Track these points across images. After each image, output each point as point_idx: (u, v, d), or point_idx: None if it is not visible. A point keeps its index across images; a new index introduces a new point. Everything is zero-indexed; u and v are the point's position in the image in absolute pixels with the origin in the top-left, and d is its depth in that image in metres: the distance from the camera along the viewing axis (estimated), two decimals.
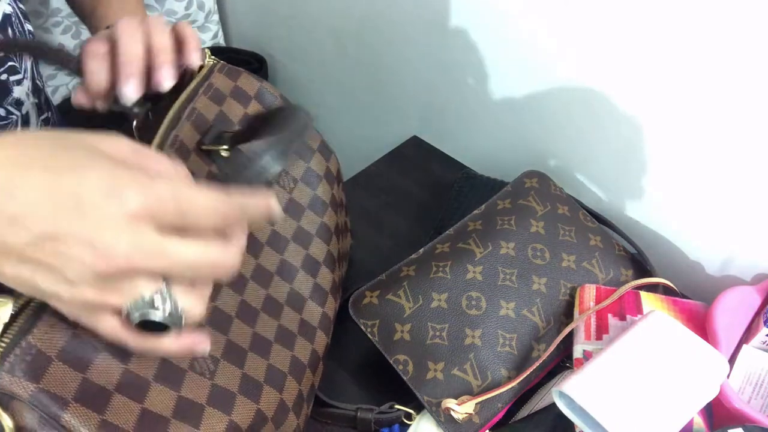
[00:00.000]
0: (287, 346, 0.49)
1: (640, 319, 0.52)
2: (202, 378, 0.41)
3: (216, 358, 0.42)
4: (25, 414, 0.33)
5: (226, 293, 0.45)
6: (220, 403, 0.40)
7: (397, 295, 0.57)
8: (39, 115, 0.59)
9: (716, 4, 0.53)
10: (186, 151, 0.46)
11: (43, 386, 0.33)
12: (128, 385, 0.36)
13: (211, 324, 0.43)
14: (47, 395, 0.33)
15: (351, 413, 0.55)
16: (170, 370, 0.39)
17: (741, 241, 0.63)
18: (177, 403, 0.38)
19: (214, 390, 0.41)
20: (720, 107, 0.57)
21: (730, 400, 0.49)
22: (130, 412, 0.36)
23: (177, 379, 0.39)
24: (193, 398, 0.39)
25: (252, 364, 0.45)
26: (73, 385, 0.34)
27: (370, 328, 0.56)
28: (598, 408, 0.45)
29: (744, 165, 0.59)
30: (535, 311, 0.58)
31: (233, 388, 0.42)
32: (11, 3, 0.53)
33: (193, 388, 0.40)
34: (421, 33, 0.82)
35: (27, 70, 0.56)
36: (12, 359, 0.32)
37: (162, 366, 0.39)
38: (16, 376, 0.32)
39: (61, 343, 0.34)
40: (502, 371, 0.55)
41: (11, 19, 0.53)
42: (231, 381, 0.42)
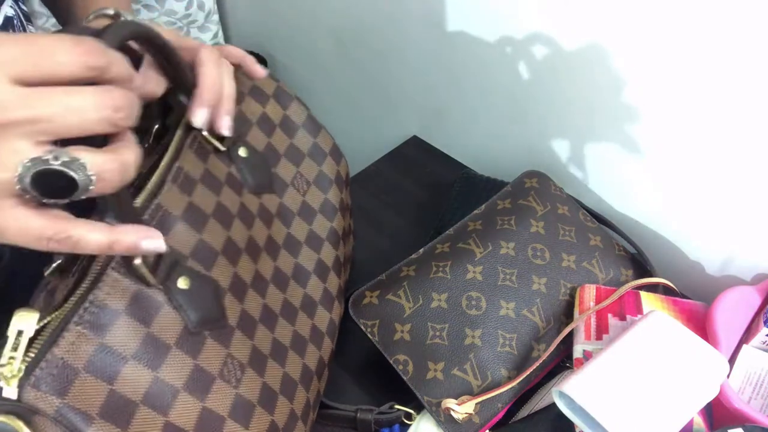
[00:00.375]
0: (299, 353, 0.48)
1: (640, 319, 0.52)
2: (228, 386, 0.40)
3: (243, 364, 0.41)
4: (48, 429, 0.32)
5: (252, 296, 0.44)
6: (240, 416, 0.40)
7: (397, 295, 0.57)
8: None
9: (717, 5, 0.53)
10: (205, 151, 0.46)
11: (68, 401, 0.32)
12: (155, 395, 0.35)
13: (240, 327, 0.42)
14: (72, 410, 0.32)
15: (351, 414, 0.55)
16: (201, 375, 0.38)
17: (741, 241, 0.63)
18: (200, 415, 0.37)
19: (236, 401, 0.40)
20: (720, 107, 0.57)
21: (730, 400, 0.49)
22: (153, 427, 0.35)
23: (205, 386, 0.38)
24: (215, 409, 0.38)
25: (270, 372, 0.44)
26: (99, 399, 0.33)
27: (370, 328, 0.56)
28: (598, 408, 0.45)
29: (744, 165, 0.59)
30: (535, 311, 0.58)
31: (254, 398, 0.41)
32: (13, 5, 0.53)
33: (217, 398, 0.39)
34: (421, 33, 0.82)
35: None
36: (38, 373, 0.31)
37: (193, 372, 0.38)
38: (41, 391, 0.31)
39: (89, 354, 0.33)
40: (502, 371, 0.55)
41: (13, 22, 0.53)
42: (253, 391, 0.41)
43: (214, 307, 0.40)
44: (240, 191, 0.47)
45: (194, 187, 0.42)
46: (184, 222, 0.40)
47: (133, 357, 0.35)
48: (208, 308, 0.40)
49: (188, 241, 0.40)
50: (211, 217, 0.42)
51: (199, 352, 0.38)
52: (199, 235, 0.41)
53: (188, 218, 0.40)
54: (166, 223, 0.39)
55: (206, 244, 0.41)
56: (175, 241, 0.39)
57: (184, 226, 0.40)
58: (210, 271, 0.41)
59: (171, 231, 0.39)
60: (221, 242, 0.42)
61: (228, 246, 0.43)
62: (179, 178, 0.41)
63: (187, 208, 0.41)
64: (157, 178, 0.39)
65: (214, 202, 0.43)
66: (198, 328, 0.38)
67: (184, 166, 0.42)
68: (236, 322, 0.42)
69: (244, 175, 0.48)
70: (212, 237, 0.42)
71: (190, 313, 0.38)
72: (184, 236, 0.40)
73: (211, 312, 0.40)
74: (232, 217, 0.45)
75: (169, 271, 0.37)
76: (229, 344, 0.41)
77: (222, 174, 0.46)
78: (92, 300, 0.34)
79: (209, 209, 0.43)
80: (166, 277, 0.37)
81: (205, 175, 0.44)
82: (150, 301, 0.36)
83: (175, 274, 0.38)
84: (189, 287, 0.38)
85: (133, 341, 0.35)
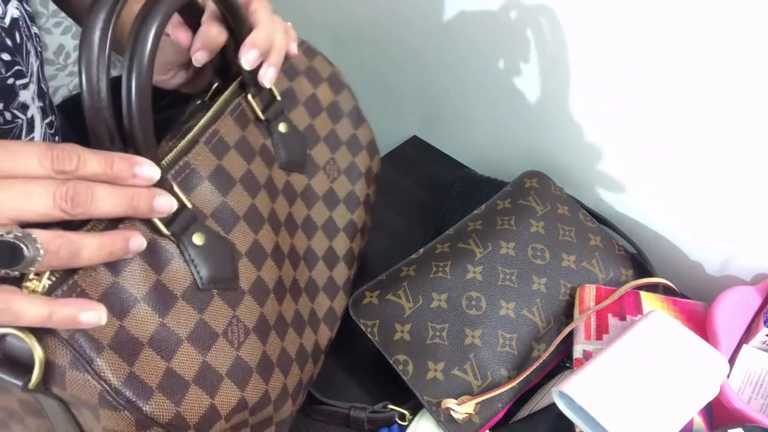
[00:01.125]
0: (298, 332, 0.49)
1: (640, 319, 0.52)
2: (230, 346, 0.40)
3: (248, 328, 0.42)
4: (58, 351, 0.33)
5: (269, 266, 0.45)
6: (237, 378, 0.40)
7: (397, 295, 0.57)
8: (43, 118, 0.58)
9: (718, 5, 0.53)
10: (245, 119, 0.47)
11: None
12: (160, 340, 0.36)
13: (253, 293, 0.43)
14: (85, 336, 0.33)
15: (344, 411, 0.55)
16: (205, 330, 0.39)
17: (741, 241, 0.63)
18: (200, 368, 0.38)
19: (236, 362, 0.41)
20: (720, 107, 0.57)
21: (730, 400, 0.49)
22: (156, 369, 0.36)
23: (207, 342, 0.39)
24: (215, 366, 0.39)
25: (272, 344, 0.45)
26: (110, 331, 0.34)
27: (370, 328, 0.56)
28: (598, 408, 0.45)
29: (744, 165, 0.59)
30: (535, 311, 0.58)
31: (253, 364, 0.42)
32: (18, 6, 0.53)
33: (218, 355, 0.40)
34: (421, 33, 0.82)
35: (33, 73, 0.55)
36: (59, 293, 0.32)
37: (197, 326, 0.39)
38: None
39: (104, 287, 0.34)
40: (502, 371, 0.55)
41: (18, 23, 0.53)
42: (253, 356, 0.42)
43: (228, 268, 0.41)
44: (271, 164, 0.48)
45: (226, 152, 0.44)
46: (210, 182, 0.42)
47: (143, 299, 0.36)
48: (221, 268, 0.41)
49: (211, 202, 0.41)
50: (239, 183, 0.44)
51: (206, 308, 0.40)
52: (223, 197, 0.42)
53: (215, 180, 0.42)
54: (191, 180, 0.41)
55: (228, 206, 0.43)
56: (198, 199, 0.41)
57: (209, 187, 0.41)
58: (229, 233, 0.42)
59: (195, 189, 0.41)
60: (244, 208, 0.44)
61: (251, 213, 0.44)
62: (213, 140, 0.43)
63: (216, 170, 0.42)
64: (191, 137, 0.41)
65: (244, 168, 0.45)
66: (207, 285, 0.40)
67: (220, 129, 0.44)
68: (248, 288, 0.43)
69: (279, 149, 0.49)
70: (236, 201, 0.43)
71: (201, 269, 0.39)
72: (208, 196, 0.41)
73: (223, 272, 0.41)
74: (259, 186, 0.46)
75: (186, 226, 0.39)
76: (236, 306, 0.42)
77: (257, 144, 0.47)
78: None
79: (237, 175, 0.44)
80: (181, 231, 0.38)
81: (240, 142, 0.45)
82: (162, 250, 0.38)
83: (191, 230, 0.39)
84: (204, 244, 0.40)
85: (143, 285, 0.36)
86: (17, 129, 0.54)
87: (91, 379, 0.33)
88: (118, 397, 0.34)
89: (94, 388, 0.33)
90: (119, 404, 0.34)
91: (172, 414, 0.36)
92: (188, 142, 0.41)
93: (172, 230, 0.38)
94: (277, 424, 0.47)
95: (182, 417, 0.36)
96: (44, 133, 0.58)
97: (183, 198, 0.39)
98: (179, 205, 0.38)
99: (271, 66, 0.46)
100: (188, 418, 0.37)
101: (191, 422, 0.37)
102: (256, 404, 0.42)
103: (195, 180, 0.41)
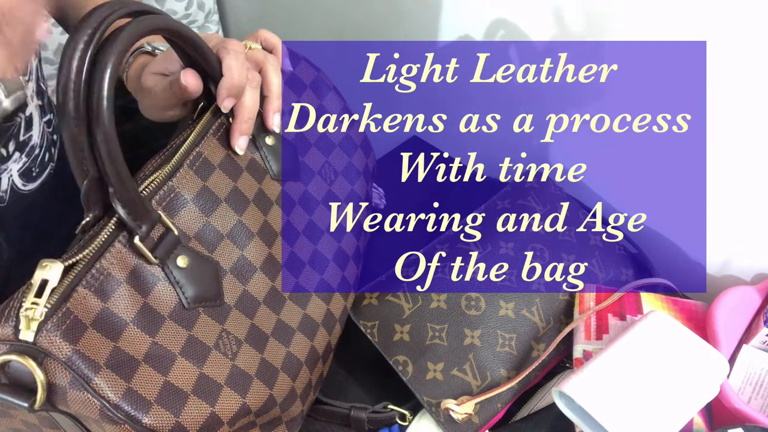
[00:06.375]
0: (308, 336, 0.49)
1: (640, 319, 0.52)
2: (225, 357, 0.41)
3: (239, 340, 0.43)
4: (58, 373, 0.34)
5: (259, 278, 0.46)
6: (237, 385, 0.41)
7: (396, 296, 0.57)
8: (42, 117, 0.58)
9: (719, 5, 0.53)
10: (228, 139, 0.47)
11: (79, 348, 0.34)
12: (155, 357, 0.38)
13: (239, 307, 0.44)
14: (82, 357, 0.34)
15: (345, 411, 0.55)
16: (196, 345, 0.40)
17: (741, 241, 0.63)
18: (198, 379, 0.39)
19: (233, 371, 0.42)
20: (720, 107, 0.57)
21: (730, 400, 0.49)
22: (153, 383, 0.37)
23: (201, 355, 0.40)
24: (213, 376, 0.40)
25: (271, 350, 0.45)
26: (105, 352, 0.35)
27: (370, 329, 0.56)
28: (598, 408, 0.45)
29: (744, 165, 0.58)
30: (534, 311, 0.58)
31: (251, 371, 0.43)
32: None
33: (215, 366, 0.41)
34: (421, 33, 0.82)
35: (32, 71, 0.55)
36: (54, 320, 0.34)
37: (188, 341, 0.40)
38: (55, 337, 0.34)
39: (95, 313, 0.36)
40: (501, 371, 0.55)
41: None
42: (250, 364, 0.43)
43: (211, 287, 0.43)
44: (261, 178, 0.49)
45: (211, 172, 0.45)
46: (194, 205, 0.43)
47: (131, 322, 0.37)
48: (205, 287, 0.42)
49: (194, 224, 0.43)
50: (224, 202, 0.45)
51: (193, 325, 0.41)
52: (207, 218, 0.43)
53: (199, 201, 0.43)
54: (176, 203, 0.42)
55: (212, 227, 0.44)
56: (183, 221, 0.42)
57: (193, 209, 0.43)
58: (213, 252, 0.43)
59: (180, 212, 0.42)
60: (229, 226, 0.45)
61: (236, 230, 0.45)
62: (197, 162, 0.44)
63: (200, 192, 0.44)
64: (175, 161, 0.43)
65: (230, 187, 0.46)
66: (193, 304, 0.41)
67: (203, 151, 0.44)
68: (234, 302, 0.44)
69: (268, 162, 0.50)
70: (220, 221, 0.44)
71: (186, 289, 0.41)
72: (192, 219, 0.43)
73: (207, 291, 0.42)
74: (247, 202, 0.47)
75: (171, 249, 0.40)
76: (224, 321, 0.43)
77: (244, 160, 0.48)
78: (98, 267, 0.37)
79: (223, 194, 0.45)
80: (165, 255, 0.40)
81: (225, 161, 0.46)
82: (148, 274, 0.39)
83: (175, 254, 0.41)
84: (187, 266, 0.41)
85: (132, 308, 0.38)
86: (15, 127, 0.54)
87: (90, 397, 0.35)
88: (117, 411, 0.35)
89: (94, 405, 0.35)
90: (119, 419, 0.35)
91: (172, 424, 0.37)
92: (172, 167, 0.42)
93: (157, 255, 0.39)
94: (287, 423, 0.48)
95: (182, 426, 0.37)
96: (42, 131, 0.58)
97: (168, 223, 0.40)
98: (164, 229, 0.40)
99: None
100: (189, 427, 0.38)
101: (192, 430, 0.38)
102: (261, 408, 0.43)
103: (179, 203, 0.42)
